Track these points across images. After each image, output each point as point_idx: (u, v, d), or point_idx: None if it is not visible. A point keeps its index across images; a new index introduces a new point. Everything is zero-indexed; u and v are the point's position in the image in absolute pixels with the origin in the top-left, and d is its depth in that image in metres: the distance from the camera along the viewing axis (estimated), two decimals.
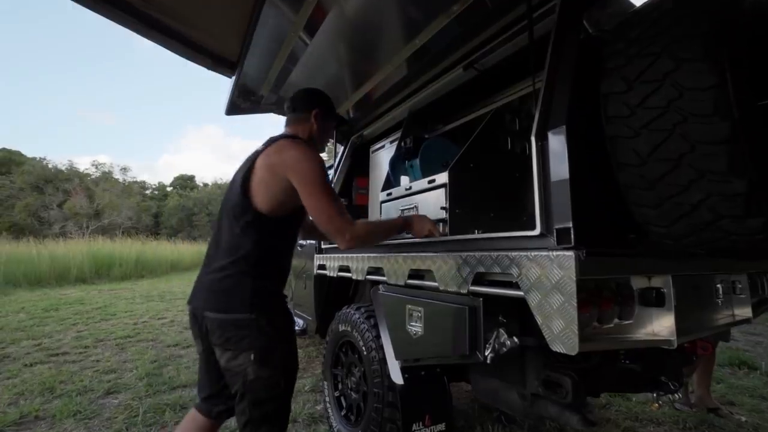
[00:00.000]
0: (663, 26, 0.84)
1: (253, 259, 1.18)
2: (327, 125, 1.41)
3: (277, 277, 1.26)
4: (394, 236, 1.39)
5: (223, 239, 1.22)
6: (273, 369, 1.14)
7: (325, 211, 1.15)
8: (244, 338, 1.12)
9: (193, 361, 3.32)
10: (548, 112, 0.98)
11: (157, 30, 1.49)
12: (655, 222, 0.94)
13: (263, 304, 1.17)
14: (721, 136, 0.75)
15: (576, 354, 0.87)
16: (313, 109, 1.34)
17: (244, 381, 1.13)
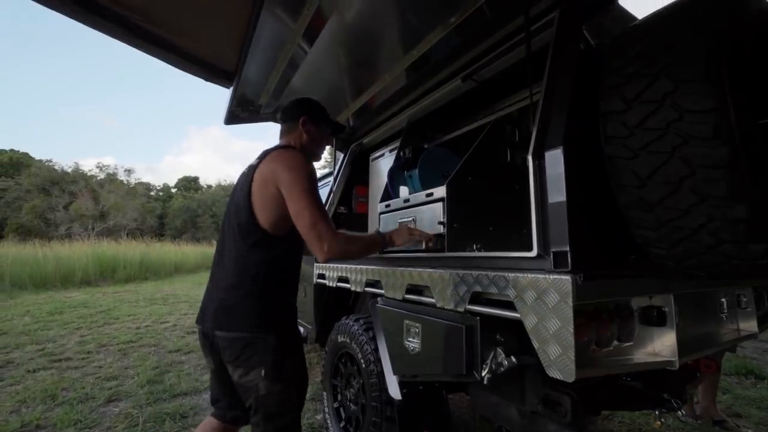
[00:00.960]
0: (662, 45, 0.82)
1: (260, 278, 1.19)
2: (318, 132, 1.40)
3: (285, 294, 1.26)
4: (374, 252, 1.38)
5: (231, 257, 1.23)
6: (284, 383, 1.17)
7: (308, 216, 1.13)
8: (254, 355, 1.15)
9: (194, 367, 3.33)
10: (546, 130, 0.96)
11: (154, 43, 1.49)
12: (655, 244, 0.92)
13: (271, 322, 1.19)
14: (722, 160, 0.73)
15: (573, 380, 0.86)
16: (300, 117, 1.35)
17: (256, 396, 1.15)
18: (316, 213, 1.14)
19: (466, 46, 1.52)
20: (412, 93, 1.95)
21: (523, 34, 1.30)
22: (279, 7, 1.35)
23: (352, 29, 1.57)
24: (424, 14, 1.43)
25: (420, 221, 1.55)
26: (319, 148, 1.45)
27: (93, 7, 1.27)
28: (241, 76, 1.75)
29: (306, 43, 1.65)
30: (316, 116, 1.40)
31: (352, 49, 1.74)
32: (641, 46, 0.87)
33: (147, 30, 1.43)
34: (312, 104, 1.43)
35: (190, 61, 1.61)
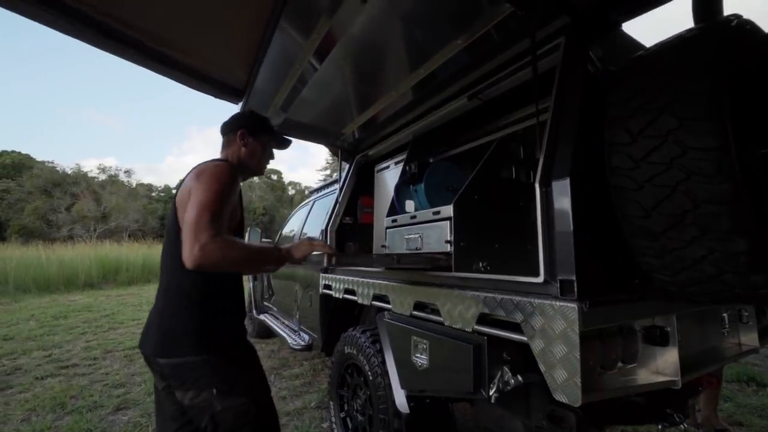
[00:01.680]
0: (665, 81, 0.85)
1: (193, 297, 1.13)
2: (257, 144, 1.35)
3: (223, 309, 1.19)
4: (267, 266, 1.23)
5: (164, 278, 1.18)
6: (240, 397, 1.13)
7: (191, 217, 1.00)
8: (202, 377, 1.10)
9: None
10: (553, 158, 0.99)
11: (164, 63, 1.52)
12: (659, 271, 0.95)
13: (213, 343, 1.13)
14: (724, 196, 0.76)
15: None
16: (239, 129, 1.32)
17: (212, 414, 1.11)
18: (201, 215, 0.99)
19: (473, 65, 1.55)
20: (418, 108, 1.98)
21: (528, 57, 1.34)
22: (291, 29, 1.38)
23: (361, 49, 1.60)
24: (432, 36, 1.46)
25: (427, 238, 1.58)
26: (259, 162, 1.37)
27: (108, 31, 1.30)
28: (250, 94, 1.78)
29: (316, 60, 1.68)
30: (255, 129, 1.35)
31: (360, 66, 1.77)
32: (646, 80, 0.90)
33: (159, 51, 1.47)
34: (252, 117, 1.39)
35: (200, 80, 1.64)
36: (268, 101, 1.98)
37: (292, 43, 1.53)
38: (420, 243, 1.61)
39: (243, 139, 1.32)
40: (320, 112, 2.28)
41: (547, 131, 1.05)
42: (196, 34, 1.44)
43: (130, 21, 1.28)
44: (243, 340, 1.26)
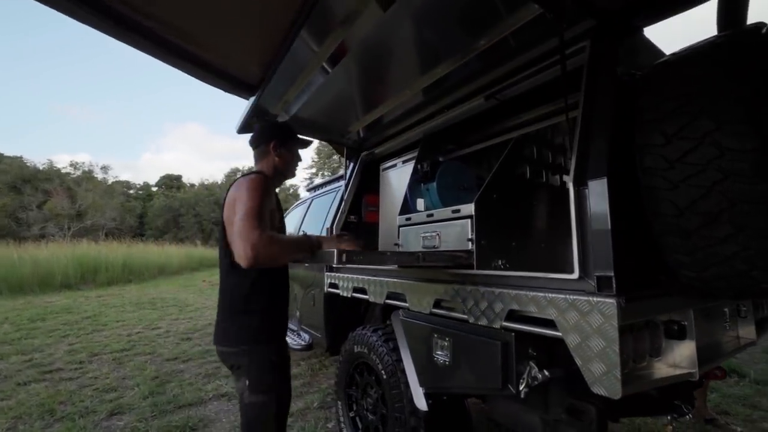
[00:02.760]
0: (702, 85, 0.88)
1: (238, 299, 1.34)
2: (288, 152, 1.50)
3: (265, 311, 1.36)
4: (302, 255, 1.27)
5: (220, 278, 1.41)
6: (264, 396, 1.29)
7: (240, 226, 1.13)
8: (241, 366, 1.31)
9: (196, 376, 3.28)
10: (586, 158, 1.02)
11: (177, 55, 1.47)
12: (687, 267, 0.98)
13: (253, 338, 1.32)
14: (762, 196, 0.80)
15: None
16: (270, 141, 1.46)
17: (241, 403, 1.31)
18: (247, 220, 1.13)
19: (492, 66, 1.57)
20: (430, 108, 1.99)
21: (548, 60, 1.37)
22: (315, 32, 1.37)
23: (377, 52, 1.60)
24: (454, 38, 1.47)
25: (446, 236, 1.59)
26: (292, 167, 1.54)
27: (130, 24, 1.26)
28: (264, 90, 1.75)
29: (330, 62, 1.68)
30: (285, 139, 1.49)
31: (375, 68, 1.77)
32: (680, 84, 0.93)
33: (171, 41, 1.42)
34: (281, 128, 1.54)
35: (213, 74, 1.60)
36: (278, 98, 1.95)
37: (312, 45, 1.52)
38: (438, 241, 1.62)
39: (276, 150, 1.46)
40: (328, 110, 2.26)
41: (577, 132, 1.08)
42: (218, 30, 1.40)
43: (151, 12, 1.24)
44: (279, 340, 1.41)
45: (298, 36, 1.36)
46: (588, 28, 1.22)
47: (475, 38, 1.43)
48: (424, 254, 1.33)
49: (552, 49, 1.36)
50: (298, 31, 1.34)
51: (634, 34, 1.22)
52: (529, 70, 1.45)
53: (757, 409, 2.70)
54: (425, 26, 1.43)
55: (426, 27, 1.44)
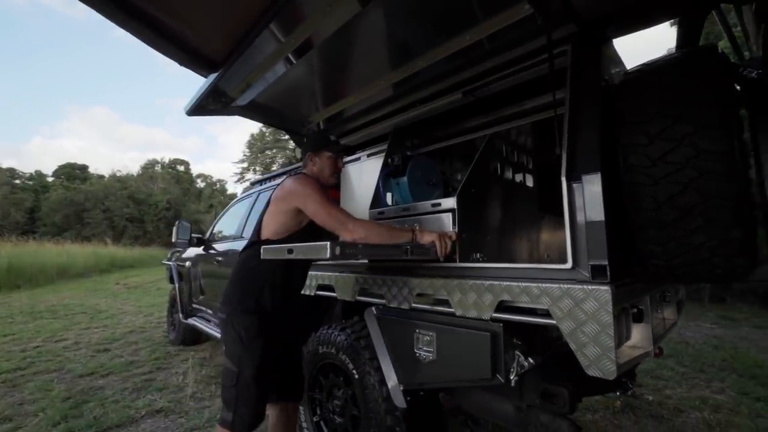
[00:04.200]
0: (681, 92, 0.98)
1: (242, 270, 1.53)
2: (323, 159, 1.65)
3: (256, 288, 1.48)
4: (402, 240, 1.40)
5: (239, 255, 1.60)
6: (232, 365, 1.42)
7: (332, 216, 1.40)
8: (222, 333, 1.50)
9: (121, 392, 2.86)
10: (578, 154, 1.07)
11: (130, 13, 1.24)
12: (658, 257, 1.09)
13: (231, 307, 1.47)
14: (730, 193, 0.91)
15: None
16: (307, 153, 1.68)
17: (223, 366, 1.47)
18: (335, 211, 1.42)
19: (469, 64, 1.60)
20: (401, 101, 1.97)
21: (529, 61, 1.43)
22: (288, 20, 1.29)
23: (350, 43, 1.55)
24: (427, 36, 1.47)
25: (425, 227, 1.55)
26: (328, 175, 1.67)
27: None
28: (228, 70, 1.57)
29: (296, 53, 1.58)
30: (317, 148, 1.66)
31: (344, 61, 1.71)
32: (661, 89, 1.02)
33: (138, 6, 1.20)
34: (313, 139, 1.74)
35: (172, 42, 1.38)
36: (240, 80, 1.77)
37: (286, 30, 1.41)
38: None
39: (311, 160, 1.66)
40: (289, 99, 2.13)
41: (566, 129, 1.14)
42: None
43: None
44: (258, 317, 1.46)
45: (275, 19, 1.24)
46: (569, 34, 1.30)
47: (456, 36, 1.44)
48: (412, 248, 1.30)
49: (530, 51, 1.43)
50: (277, 13, 1.23)
51: (607, 43, 1.33)
52: (507, 70, 1.50)
53: (661, 379, 3.17)
54: (405, 22, 1.42)
55: (405, 23, 1.42)
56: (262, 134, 27.27)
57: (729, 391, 2.92)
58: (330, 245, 1.00)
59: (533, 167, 2.09)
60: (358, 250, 1.15)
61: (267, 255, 1.20)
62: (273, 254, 1.18)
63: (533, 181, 2.06)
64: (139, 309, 6.66)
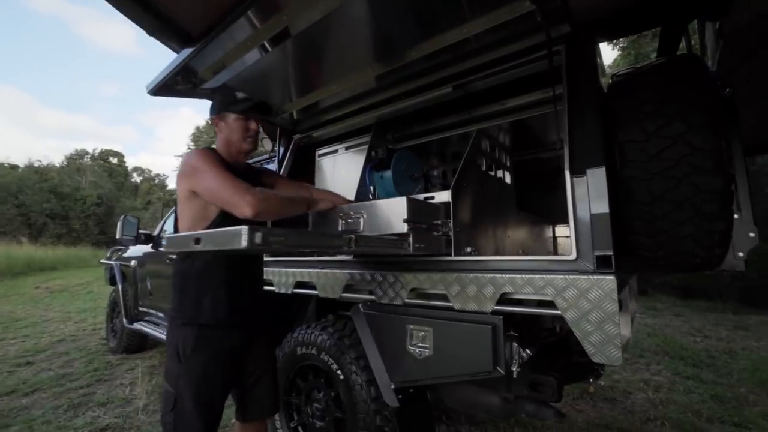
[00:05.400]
0: (675, 93, 1.05)
1: (177, 280, 1.31)
2: (230, 123, 1.37)
3: (200, 300, 1.26)
4: (303, 206, 1.37)
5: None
6: (169, 386, 1.23)
7: (220, 189, 1.15)
8: (168, 348, 1.28)
9: (53, 410, 2.49)
10: (581, 149, 1.11)
11: None
12: (646, 247, 1.16)
13: (170, 318, 1.30)
14: (718, 187, 0.99)
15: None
16: (213, 116, 1.40)
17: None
18: (222, 181, 1.16)
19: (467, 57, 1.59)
20: (385, 93, 1.92)
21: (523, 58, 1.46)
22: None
23: (336, 29, 1.49)
24: (412, 29, 1.46)
25: (372, 219, 1.36)
26: (238, 140, 1.37)
27: None
28: (206, 47, 1.42)
29: (270, 43, 1.49)
30: (219, 110, 1.38)
31: (331, 45, 1.63)
32: (655, 90, 1.09)
33: None
34: (218, 99, 1.40)
35: (143, 6, 1.21)
36: (216, 59, 1.61)
37: (276, 6, 1.31)
38: (362, 225, 1.38)
39: (218, 126, 1.38)
40: (265, 85, 1.98)
41: (565, 125, 1.17)
42: None
43: None
44: (209, 331, 1.26)
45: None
46: (561, 34, 1.34)
47: (452, 29, 1.43)
48: (357, 238, 1.07)
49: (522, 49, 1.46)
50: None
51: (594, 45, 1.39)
52: (498, 66, 1.52)
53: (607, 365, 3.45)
54: (401, 12, 1.39)
55: (401, 13, 1.39)
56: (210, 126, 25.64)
57: (665, 372, 3.26)
58: (247, 231, 0.77)
59: (511, 165, 2.16)
60: (288, 238, 0.89)
61: (171, 247, 0.97)
62: (178, 246, 0.97)
63: (511, 179, 2.13)
64: (67, 315, 5.91)
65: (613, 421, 2.33)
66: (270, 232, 0.81)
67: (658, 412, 2.49)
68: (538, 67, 1.47)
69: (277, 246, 0.85)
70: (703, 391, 2.81)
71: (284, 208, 1.24)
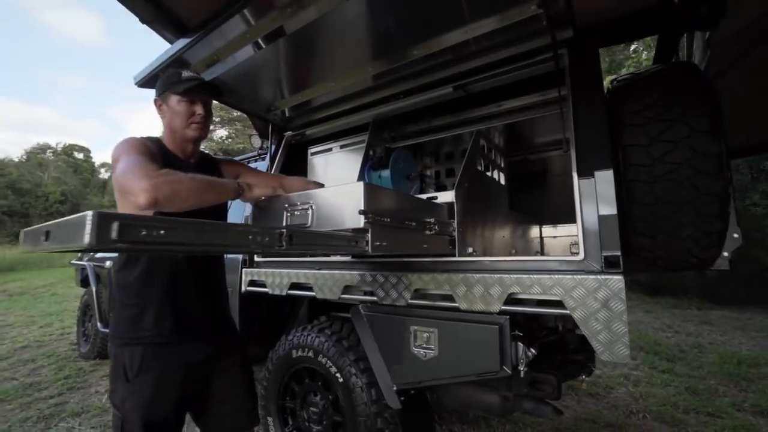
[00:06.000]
0: (677, 99, 1.09)
1: (115, 293, 1.18)
2: (172, 106, 1.21)
3: (142, 316, 1.13)
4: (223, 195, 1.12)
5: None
6: (116, 410, 1.11)
7: (127, 172, 0.94)
8: (111, 368, 1.14)
9: (20, 423, 2.32)
10: (586, 153, 1.13)
11: None
12: (646, 248, 1.20)
13: (116, 342, 1.14)
14: (718, 189, 1.03)
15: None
16: (155, 101, 1.26)
17: None
18: (126, 166, 0.96)
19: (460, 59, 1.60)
20: (385, 91, 1.90)
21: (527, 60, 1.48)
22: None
23: (335, 29, 1.46)
24: (415, 29, 1.46)
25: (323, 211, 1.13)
26: (181, 126, 1.22)
27: None
28: (202, 39, 1.35)
29: (266, 39, 1.45)
30: (161, 91, 1.23)
31: (327, 46, 1.60)
32: (658, 96, 1.12)
33: None
34: (161, 79, 1.25)
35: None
36: (210, 51, 1.54)
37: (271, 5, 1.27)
38: (310, 218, 1.13)
39: (160, 109, 1.25)
40: (261, 79, 1.92)
41: (572, 129, 1.19)
42: None
43: None
44: (157, 349, 1.13)
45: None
46: (563, 39, 1.37)
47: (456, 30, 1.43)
48: (291, 233, 0.81)
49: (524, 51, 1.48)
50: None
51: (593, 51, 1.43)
52: (500, 68, 1.53)
53: None
54: (406, 11, 1.38)
55: (406, 12, 1.38)
56: None
57: (642, 366, 3.41)
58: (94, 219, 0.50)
59: (504, 166, 2.19)
60: (173, 232, 0.60)
61: (24, 245, 0.67)
62: (29, 244, 0.65)
63: (505, 180, 2.16)
64: (30, 319, 5.56)
65: (599, 416, 2.41)
66: (137, 222, 0.55)
67: (639, 405, 2.59)
68: (538, 70, 1.50)
69: (154, 245, 0.58)
70: (678, 384, 2.95)
71: (198, 194, 0.99)
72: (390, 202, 1.18)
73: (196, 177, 1.01)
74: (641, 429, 2.29)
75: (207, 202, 1.02)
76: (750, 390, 2.88)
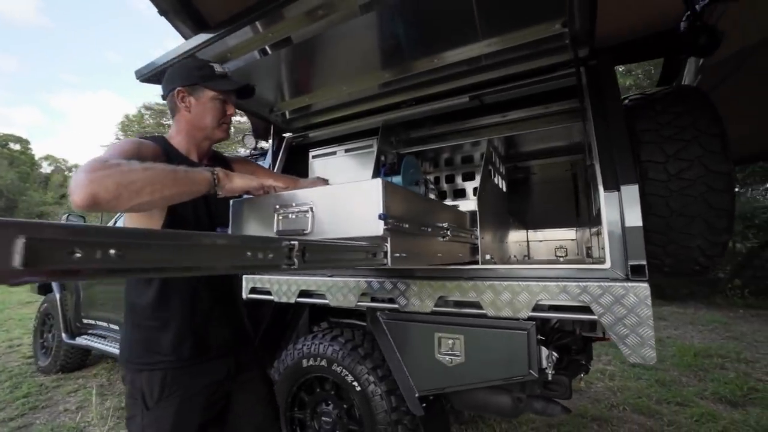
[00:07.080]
0: (690, 120, 1.19)
1: (129, 313, 1.10)
2: (204, 101, 1.08)
3: (160, 339, 1.05)
4: (195, 188, 0.88)
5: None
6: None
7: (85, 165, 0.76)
8: (130, 399, 1.04)
9: None
10: (610, 167, 1.20)
11: None
12: (656, 256, 1.30)
13: (132, 367, 1.05)
14: (727, 205, 1.14)
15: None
16: (174, 89, 1.08)
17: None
18: (96, 158, 0.79)
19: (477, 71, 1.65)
20: (395, 97, 1.91)
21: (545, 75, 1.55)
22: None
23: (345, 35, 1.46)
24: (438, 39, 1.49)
25: (325, 215, 0.93)
26: (211, 126, 1.10)
27: None
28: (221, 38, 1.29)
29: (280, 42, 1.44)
30: (192, 81, 1.08)
31: (344, 50, 1.60)
32: (671, 116, 1.22)
33: None
34: (190, 66, 1.10)
35: None
36: (223, 50, 1.47)
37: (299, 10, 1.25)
38: (309, 223, 0.93)
39: (183, 101, 1.09)
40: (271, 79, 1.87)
41: (594, 145, 1.27)
42: None
43: None
44: (178, 373, 1.05)
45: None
46: (577, 57, 1.45)
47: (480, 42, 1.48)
48: (304, 247, 0.63)
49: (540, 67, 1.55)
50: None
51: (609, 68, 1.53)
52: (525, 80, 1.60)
53: None
54: (430, 22, 1.41)
55: (430, 23, 1.41)
56: (141, 116, 23.30)
57: (614, 362, 3.65)
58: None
59: (505, 173, 2.27)
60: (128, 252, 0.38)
61: None
62: None
63: (505, 187, 2.24)
64: None
65: (585, 410, 2.56)
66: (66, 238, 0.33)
67: (617, 398, 2.79)
68: (552, 84, 1.58)
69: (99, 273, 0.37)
70: (649, 377, 3.21)
71: (155, 188, 0.78)
72: (412, 205, 1.05)
73: (154, 166, 0.81)
74: (623, 421, 2.46)
75: (171, 199, 0.84)
76: (708, 379, 3.19)
